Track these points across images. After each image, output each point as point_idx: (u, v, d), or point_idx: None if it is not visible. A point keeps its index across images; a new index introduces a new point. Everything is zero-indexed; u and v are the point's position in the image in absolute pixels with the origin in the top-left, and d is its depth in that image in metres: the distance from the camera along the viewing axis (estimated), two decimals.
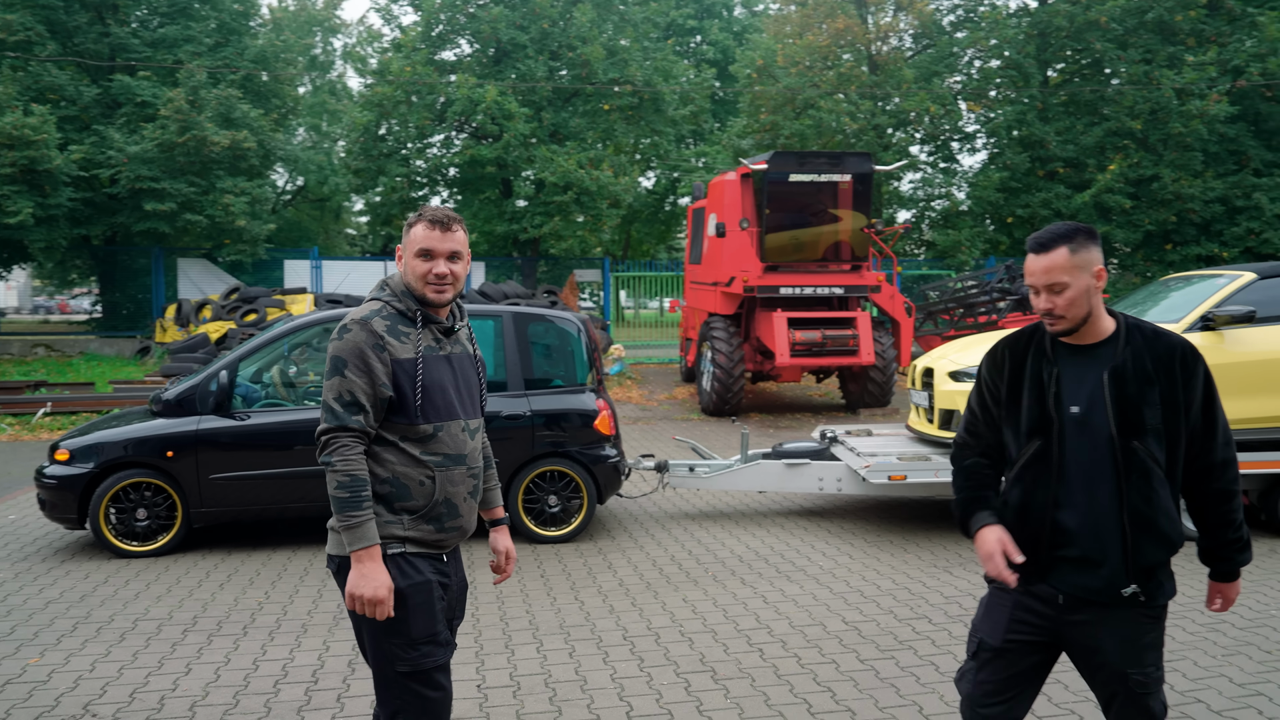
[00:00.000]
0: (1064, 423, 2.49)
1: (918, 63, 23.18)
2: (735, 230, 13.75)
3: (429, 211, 2.65)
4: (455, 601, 2.71)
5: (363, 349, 2.52)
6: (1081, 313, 2.47)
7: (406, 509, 2.54)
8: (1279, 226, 20.96)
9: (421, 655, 2.51)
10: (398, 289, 2.65)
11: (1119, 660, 2.46)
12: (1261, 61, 21.10)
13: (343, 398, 2.50)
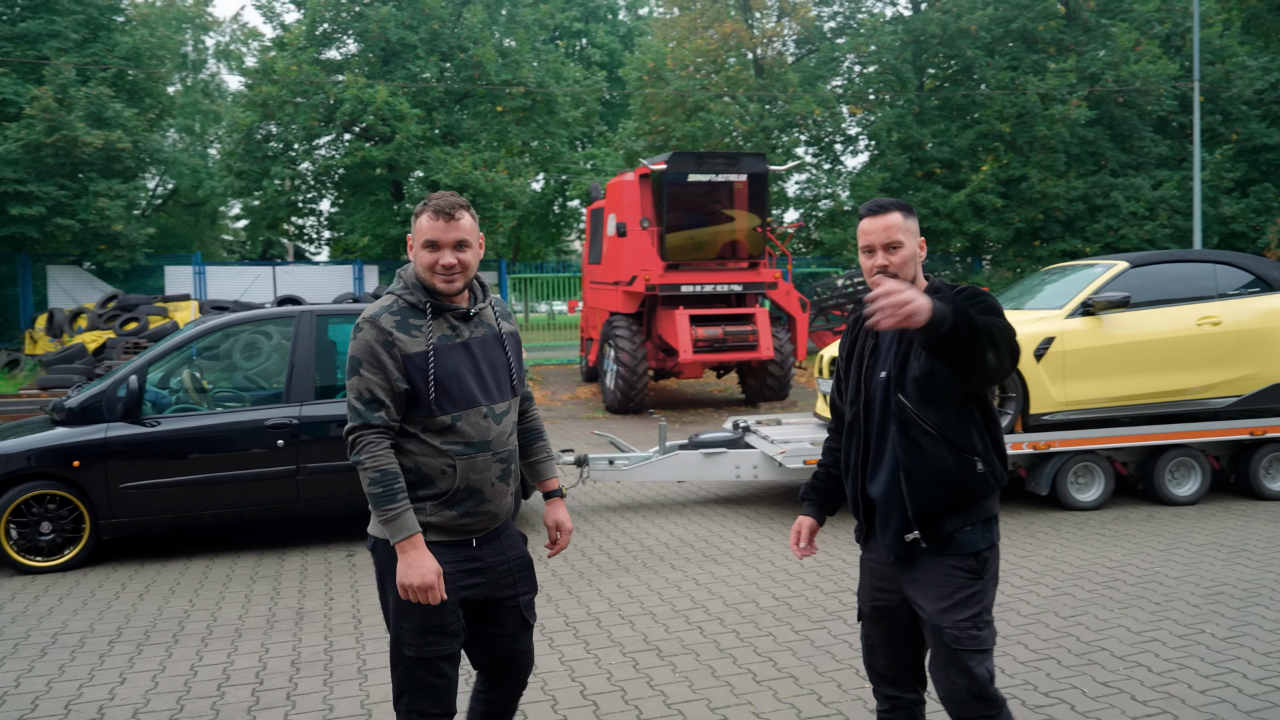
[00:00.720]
0: (871, 392, 2.64)
1: (802, 67, 23.92)
2: (636, 230, 13.94)
3: (433, 201, 2.62)
4: (509, 578, 2.70)
5: (374, 347, 2.54)
6: (910, 274, 2.59)
7: (429, 496, 2.57)
8: (1134, 224, 22.51)
9: (427, 644, 2.56)
10: (410, 280, 2.64)
11: (933, 613, 2.53)
12: (1115, 69, 22.64)
13: (363, 396, 2.54)
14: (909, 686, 2.74)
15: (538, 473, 2.94)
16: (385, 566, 2.61)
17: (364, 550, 6.45)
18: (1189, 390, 7.29)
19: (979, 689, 2.48)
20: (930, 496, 2.53)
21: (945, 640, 2.50)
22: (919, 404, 2.53)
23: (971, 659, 2.48)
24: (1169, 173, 23.39)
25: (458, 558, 2.60)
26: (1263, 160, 24.35)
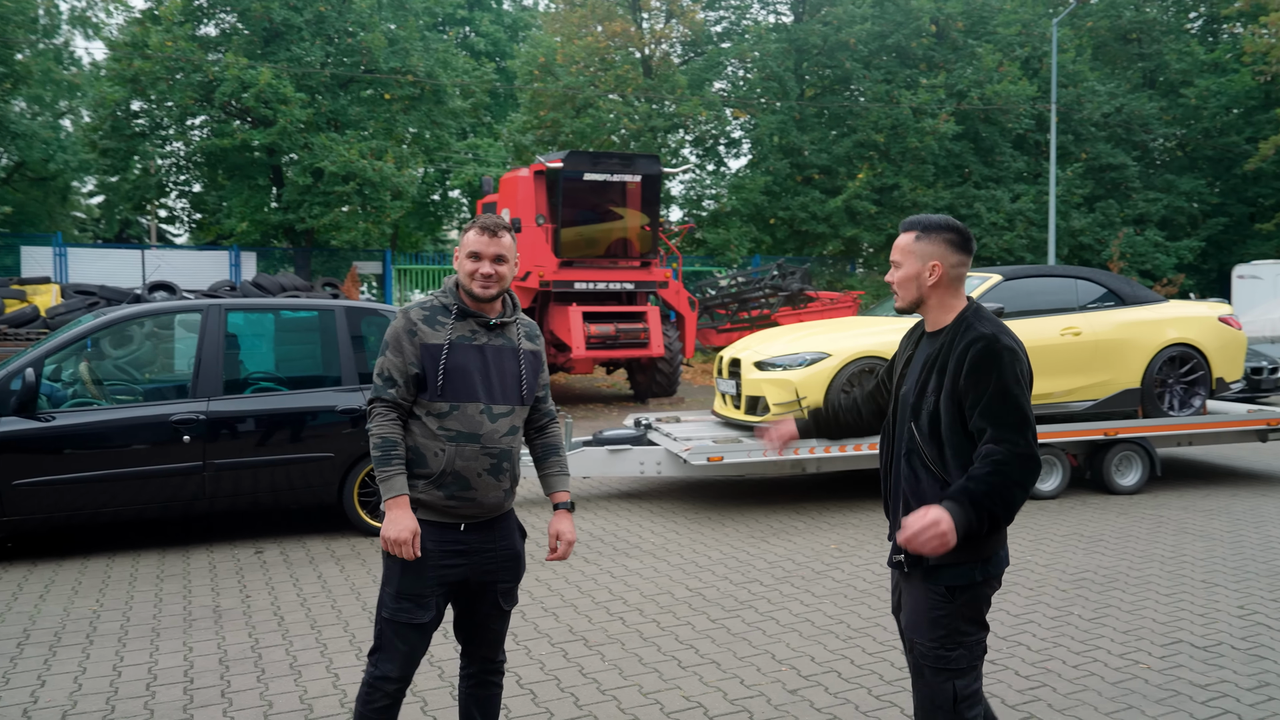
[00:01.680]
0: (897, 404, 2.77)
1: (689, 69, 24.40)
2: (531, 226, 14.04)
3: (480, 220, 2.97)
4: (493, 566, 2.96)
5: (399, 333, 2.91)
6: (910, 295, 2.68)
7: (421, 475, 2.88)
8: (994, 234, 24.00)
9: (400, 609, 2.86)
10: (448, 287, 3.02)
11: (910, 627, 2.65)
12: (980, 88, 24.05)
13: (383, 373, 2.90)
14: None
15: (550, 485, 3.20)
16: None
17: (273, 547, 6.41)
18: (1054, 394, 7.99)
19: (940, 704, 2.59)
20: None
21: (915, 654, 2.65)
22: (926, 439, 2.62)
23: (938, 676, 2.58)
24: (1025, 187, 25.03)
25: (443, 538, 2.89)
26: (1107, 178, 26.36)
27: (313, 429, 6.54)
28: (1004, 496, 2.45)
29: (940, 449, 2.58)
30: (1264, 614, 5.02)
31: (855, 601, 5.26)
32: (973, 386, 2.52)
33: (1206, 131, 27.58)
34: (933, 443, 2.60)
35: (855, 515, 7.37)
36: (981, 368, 2.52)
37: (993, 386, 2.50)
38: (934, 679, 2.59)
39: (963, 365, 2.55)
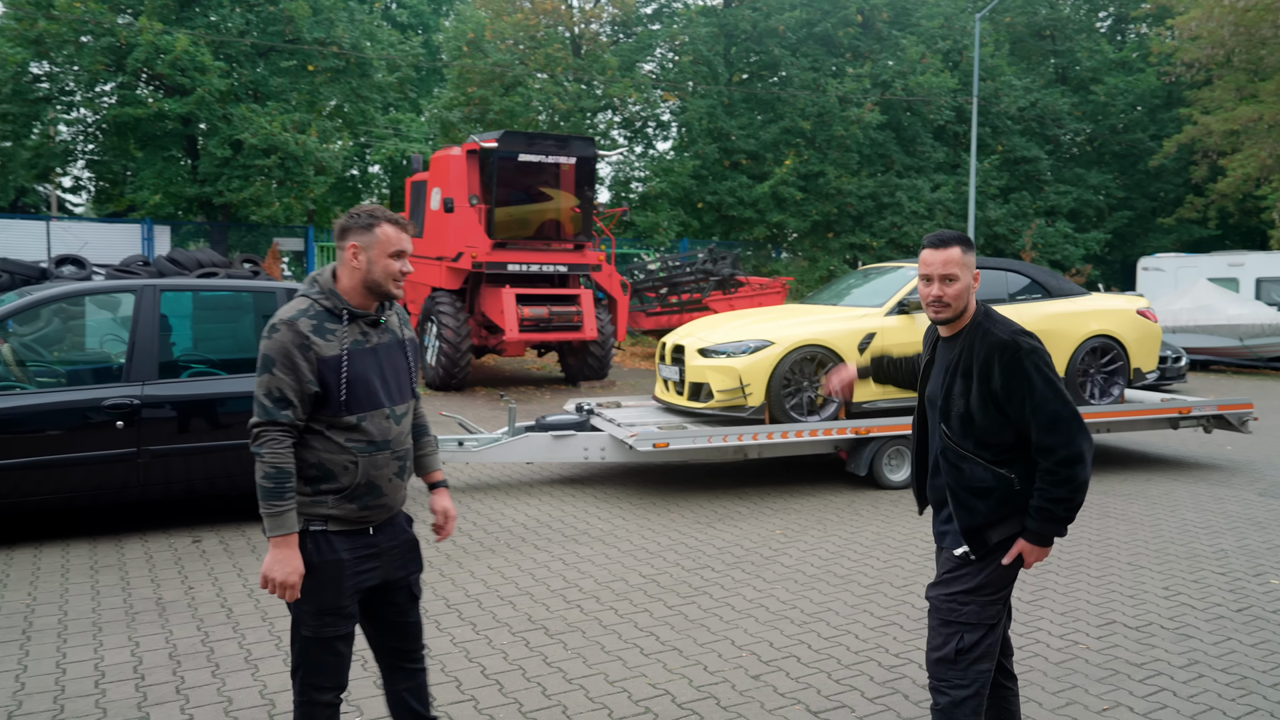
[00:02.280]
0: (924, 403, 3.04)
1: (619, 50, 24.29)
2: (464, 206, 13.84)
3: (385, 214, 2.83)
4: (401, 560, 2.94)
5: (289, 349, 2.68)
6: (963, 304, 2.84)
7: (331, 490, 2.76)
8: (915, 222, 24.59)
9: (324, 625, 2.77)
10: (326, 287, 2.80)
11: (930, 586, 2.96)
12: (904, 79, 24.53)
13: (272, 394, 2.68)
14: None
15: (424, 465, 3.18)
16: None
17: (210, 536, 6.23)
18: None
19: (948, 654, 2.82)
20: (974, 511, 2.82)
21: (930, 607, 2.93)
22: (960, 436, 2.84)
23: (946, 626, 2.84)
24: (945, 177, 25.68)
25: (356, 545, 2.82)
26: (1021, 171, 27.23)
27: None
28: (1081, 500, 2.78)
29: (976, 441, 2.82)
30: (1187, 595, 5.31)
31: (805, 587, 5.38)
32: (1010, 398, 2.75)
33: (1113, 128, 28.70)
34: (967, 438, 2.83)
35: (796, 500, 7.52)
36: (1015, 375, 2.74)
37: (1034, 396, 2.72)
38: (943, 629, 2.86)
39: (991, 371, 2.76)
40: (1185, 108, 25.74)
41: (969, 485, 2.82)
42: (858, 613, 4.97)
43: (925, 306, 2.89)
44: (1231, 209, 25.06)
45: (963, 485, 2.83)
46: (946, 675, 2.83)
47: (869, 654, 4.42)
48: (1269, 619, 4.92)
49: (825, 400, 7.82)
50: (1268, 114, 22.32)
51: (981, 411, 2.78)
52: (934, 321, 2.93)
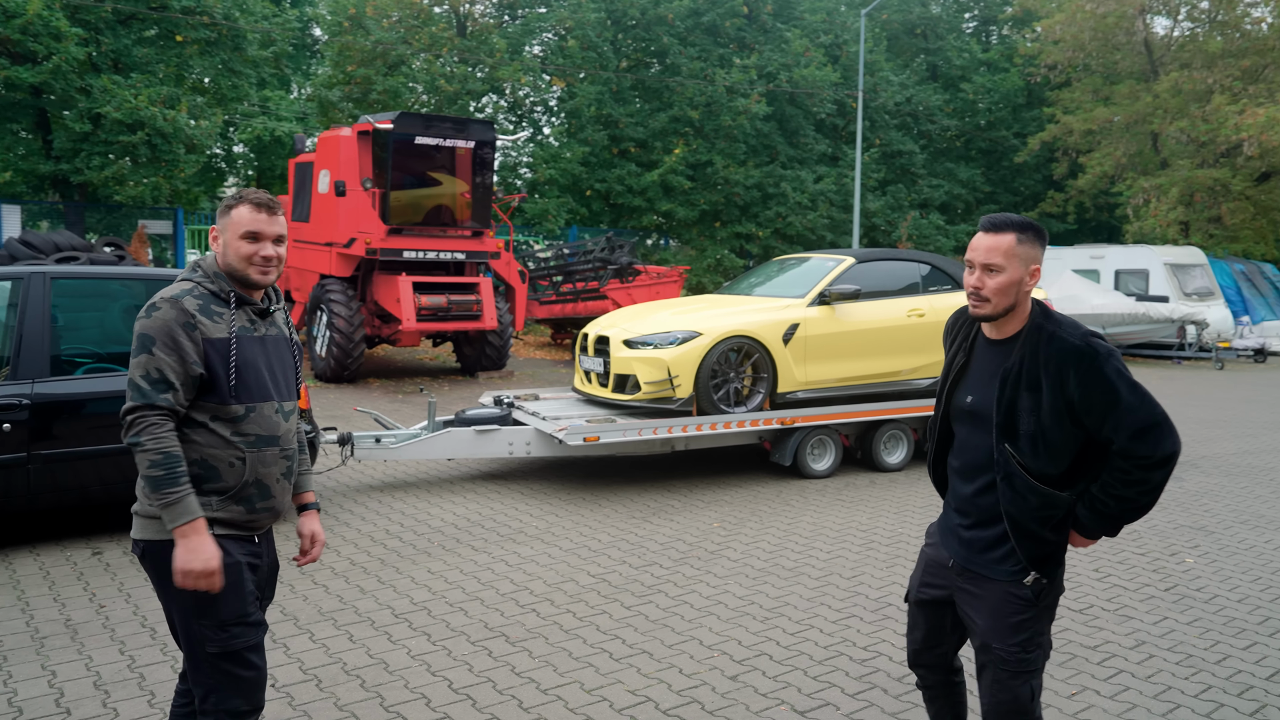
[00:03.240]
0: (950, 410, 2.70)
1: (507, 33, 23.80)
2: (355, 189, 13.25)
3: (251, 194, 2.66)
4: (265, 582, 2.76)
5: (171, 327, 2.50)
6: (1007, 302, 2.51)
7: (216, 490, 2.55)
8: (800, 212, 25.07)
9: (231, 636, 2.55)
10: (210, 270, 2.64)
11: (987, 633, 2.58)
12: (789, 70, 24.95)
13: (150, 375, 2.47)
14: (937, 672, 2.89)
15: (299, 484, 2.95)
16: (166, 567, 2.50)
17: (112, 547, 5.71)
18: (901, 372, 8.44)
19: (1019, 706, 2.57)
20: (1042, 540, 2.55)
21: (994, 658, 2.56)
22: (1031, 458, 2.50)
23: (1017, 679, 2.55)
24: (827, 169, 26.29)
25: (245, 550, 2.62)
26: (897, 164, 28.15)
27: None
28: (1147, 505, 2.52)
29: (1051, 461, 2.50)
30: (1117, 576, 5.53)
31: (758, 581, 5.34)
32: (1090, 409, 2.44)
33: (980, 125, 30.02)
34: (1038, 459, 2.50)
35: (725, 492, 7.50)
36: (1096, 385, 2.43)
37: (1120, 405, 2.43)
38: (1012, 681, 2.56)
39: (1065, 382, 2.44)
40: (1048, 107, 27.14)
41: (1039, 514, 2.52)
42: (815, 605, 4.96)
43: (968, 298, 2.58)
44: (1088, 204, 26.61)
45: (1030, 514, 2.52)
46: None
47: (838, 648, 4.41)
48: (1195, 596, 5.18)
49: (751, 390, 7.82)
50: (1122, 115, 23.77)
51: (1056, 426, 2.47)
52: (973, 317, 2.60)
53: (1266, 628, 4.71)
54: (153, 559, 2.57)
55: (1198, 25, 24.51)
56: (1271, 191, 23.46)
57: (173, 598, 2.56)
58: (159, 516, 2.53)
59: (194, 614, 2.54)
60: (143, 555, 2.60)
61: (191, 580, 2.45)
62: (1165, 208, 21.74)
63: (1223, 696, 3.94)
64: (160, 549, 2.55)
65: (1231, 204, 22.64)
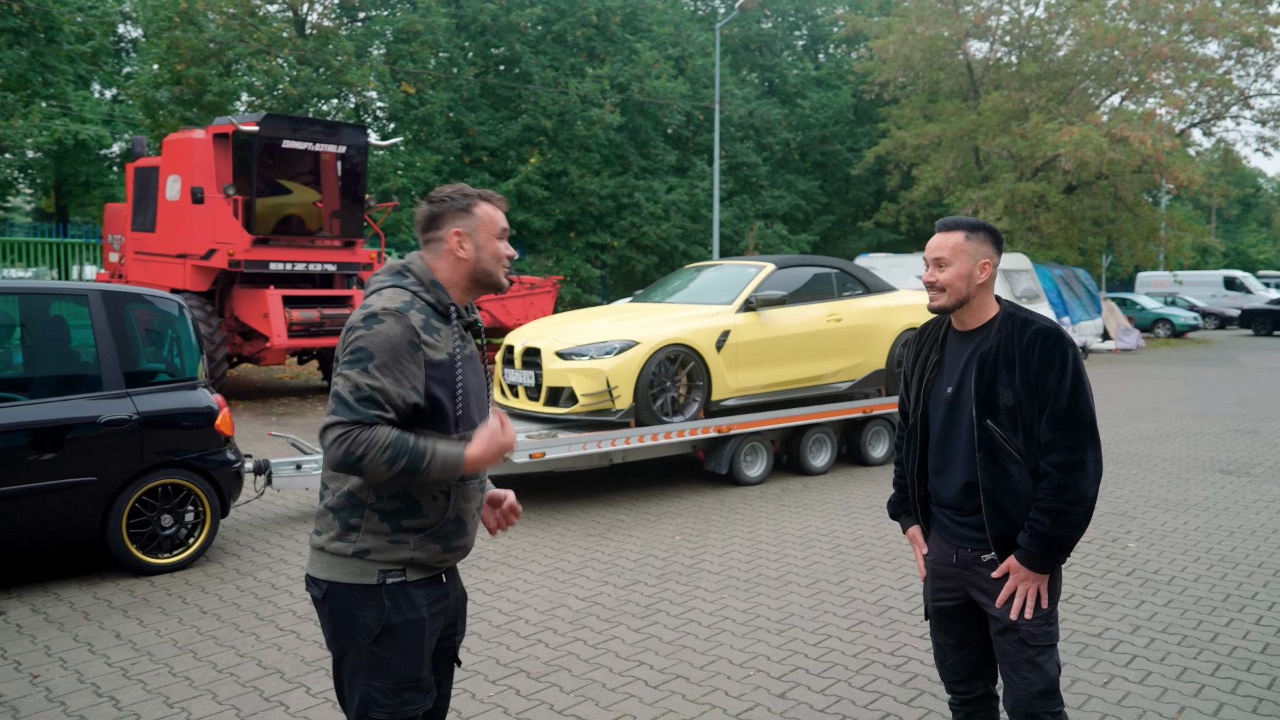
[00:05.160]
0: (932, 404, 2.76)
1: (355, 35, 22.80)
2: (215, 196, 12.26)
3: (480, 191, 2.39)
4: (454, 617, 2.47)
5: (397, 346, 2.18)
6: (960, 293, 2.65)
7: (416, 527, 2.26)
8: (653, 222, 25.30)
9: (402, 702, 2.26)
10: (426, 279, 2.32)
11: (1004, 613, 2.63)
12: (640, 82, 25.15)
13: (360, 392, 2.14)
14: (976, 683, 2.83)
15: None
16: (348, 615, 2.23)
17: (16, 605, 4.94)
18: (823, 376, 8.57)
19: (1048, 684, 2.60)
20: (1012, 521, 2.61)
21: (1020, 638, 2.60)
22: (1011, 431, 2.59)
23: (1042, 654, 2.61)
24: (678, 180, 26.67)
25: (433, 598, 2.33)
26: (742, 175, 28.94)
27: (69, 446, 5.12)
28: (1079, 518, 2.56)
29: (1026, 439, 2.60)
30: (1080, 565, 5.76)
31: (751, 593, 5.22)
32: (1042, 383, 2.57)
33: (816, 139, 31.31)
34: (1018, 434, 2.60)
35: (670, 504, 7.35)
36: (1050, 363, 2.57)
37: (1060, 387, 2.55)
38: (1040, 658, 2.62)
39: (1031, 356, 2.58)
40: (880, 123, 28.63)
41: (1013, 491, 2.60)
42: (822, 615, 4.88)
43: (927, 293, 2.74)
44: (919, 215, 28.22)
45: (1005, 491, 2.60)
46: (1049, 706, 2.62)
47: (867, 655, 4.34)
48: (1156, 579, 5.45)
49: (687, 399, 7.72)
50: (949, 132, 25.37)
51: (1029, 401, 2.59)
52: (932, 310, 2.72)
53: (1232, 604, 5.01)
54: (335, 604, 2.24)
55: (1011, 50, 26.52)
56: (1079, 202, 25.67)
57: (346, 652, 2.27)
58: (356, 554, 2.22)
59: (369, 673, 2.24)
60: (323, 598, 2.26)
61: (502, 450, 2.25)
62: (992, 217, 23.32)
63: (1235, 674, 4.13)
64: (347, 594, 2.22)
65: (1048, 214, 24.59)
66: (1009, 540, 2.61)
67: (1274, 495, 7.49)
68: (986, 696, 2.86)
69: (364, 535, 2.22)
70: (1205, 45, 24.75)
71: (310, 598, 2.40)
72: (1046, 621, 2.61)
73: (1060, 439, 2.55)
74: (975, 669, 2.83)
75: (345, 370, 2.17)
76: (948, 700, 2.92)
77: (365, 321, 2.19)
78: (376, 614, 2.22)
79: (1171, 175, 22.60)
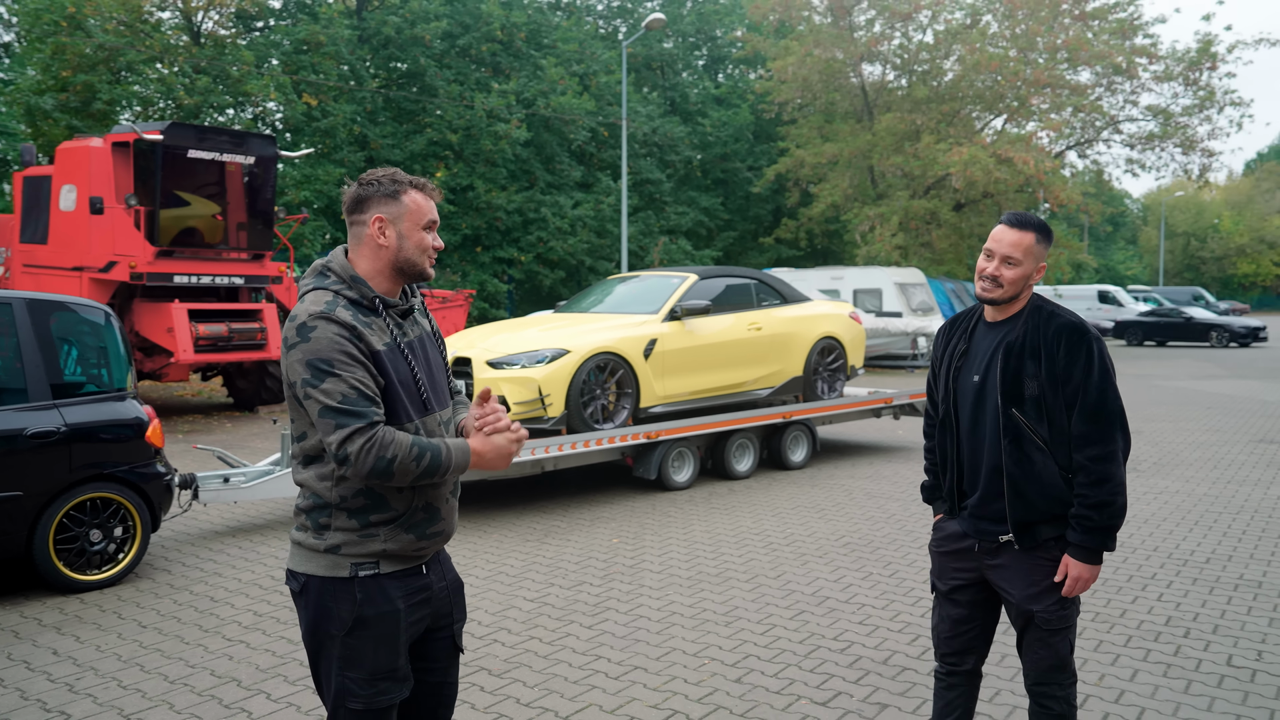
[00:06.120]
0: (960, 392, 2.89)
1: (254, 45, 22.26)
2: (115, 206, 11.83)
3: (414, 179, 2.37)
4: (449, 605, 2.48)
5: (341, 341, 2.18)
6: (1017, 290, 2.80)
7: (384, 520, 2.27)
8: (560, 237, 25.42)
9: (378, 692, 2.29)
10: (346, 275, 2.30)
11: (1023, 599, 2.78)
12: (546, 97, 25.29)
13: (348, 395, 2.15)
14: (968, 658, 3.01)
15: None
16: (322, 608, 2.26)
17: None
18: (746, 383, 8.83)
19: (1060, 660, 2.81)
20: (1032, 506, 2.74)
21: (1036, 622, 2.77)
22: (1036, 420, 2.73)
23: (1056, 635, 2.79)
24: (584, 195, 26.88)
25: (409, 589, 2.34)
26: (646, 192, 29.33)
27: None
28: (1122, 505, 2.72)
29: (1051, 425, 2.73)
30: None
31: (694, 589, 5.38)
32: (1068, 376, 2.70)
33: (716, 156, 31.97)
34: (1043, 423, 2.73)
35: (603, 510, 7.47)
36: (1077, 357, 2.70)
37: (1089, 381, 2.69)
38: (1053, 639, 2.79)
39: (1057, 350, 2.72)
40: (781, 142, 29.45)
41: (1035, 478, 2.74)
42: (765, 607, 5.08)
43: (977, 281, 2.84)
44: (818, 231, 29.13)
45: (1028, 477, 2.75)
46: (1059, 679, 2.84)
47: (814, 642, 4.55)
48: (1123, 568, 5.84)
49: (616, 406, 7.86)
50: (845, 151, 26.30)
51: (1053, 392, 2.73)
52: (981, 299, 2.85)
53: (1135, 584, 5.42)
54: (311, 597, 2.27)
55: (902, 74, 27.71)
56: (967, 219, 26.92)
57: (323, 644, 2.28)
58: (328, 550, 2.24)
59: (344, 664, 2.26)
60: (301, 590, 2.28)
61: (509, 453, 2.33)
62: (888, 234, 24.29)
63: (1145, 644, 4.49)
64: (323, 587, 2.24)
65: (939, 231, 25.73)
66: (1026, 524, 2.75)
67: (1161, 487, 8.08)
68: (973, 673, 3.03)
69: (334, 532, 2.25)
70: (1079, 73, 26.35)
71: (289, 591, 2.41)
72: (1062, 607, 2.77)
73: (1094, 432, 2.68)
74: (970, 644, 2.99)
75: (315, 386, 2.15)
76: (934, 669, 3.10)
77: (299, 333, 2.20)
78: (349, 606, 2.25)
79: (1052, 194, 23.95)
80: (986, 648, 3.04)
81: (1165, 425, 11.91)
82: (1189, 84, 26.79)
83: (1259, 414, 12.98)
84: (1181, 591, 5.27)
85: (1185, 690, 3.97)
